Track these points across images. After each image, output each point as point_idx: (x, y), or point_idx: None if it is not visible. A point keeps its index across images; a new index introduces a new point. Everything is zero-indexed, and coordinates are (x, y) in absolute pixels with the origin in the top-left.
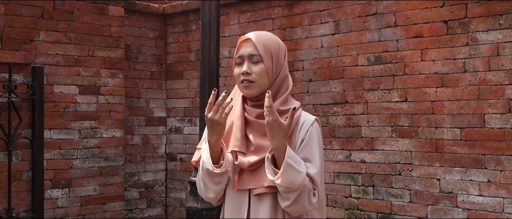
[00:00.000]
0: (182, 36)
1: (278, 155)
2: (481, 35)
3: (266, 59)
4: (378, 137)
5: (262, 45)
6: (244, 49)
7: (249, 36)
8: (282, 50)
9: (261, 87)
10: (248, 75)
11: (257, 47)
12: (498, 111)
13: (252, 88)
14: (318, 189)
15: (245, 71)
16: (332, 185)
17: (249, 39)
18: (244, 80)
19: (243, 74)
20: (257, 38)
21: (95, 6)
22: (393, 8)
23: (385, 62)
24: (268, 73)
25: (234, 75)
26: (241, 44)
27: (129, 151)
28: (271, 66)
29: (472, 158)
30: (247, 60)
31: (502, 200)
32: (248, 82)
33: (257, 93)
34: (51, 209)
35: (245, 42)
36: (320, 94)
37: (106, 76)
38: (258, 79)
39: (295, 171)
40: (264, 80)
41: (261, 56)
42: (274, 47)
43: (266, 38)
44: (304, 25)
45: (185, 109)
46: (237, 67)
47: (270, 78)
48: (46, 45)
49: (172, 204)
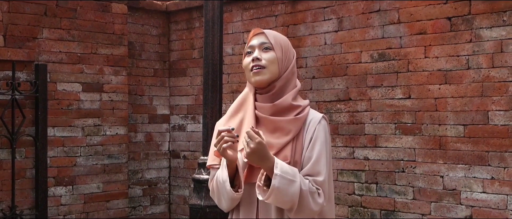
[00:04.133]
0: (185, 34)
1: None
2: (485, 32)
3: (276, 48)
4: (382, 134)
5: (273, 37)
6: (255, 40)
7: (261, 29)
8: (292, 51)
9: (271, 74)
10: (259, 61)
11: (268, 37)
12: (501, 108)
13: (263, 73)
14: (323, 188)
15: (255, 57)
16: (336, 182)
17: (261, 32)
18: (254, 66)
19: (253, 60)
20: (269, 32)
21: (98, 4)
22: (396, 5)
23: (388, 59)
24: (278, 62)
25: (243, 67)
26: (253, 37)
27: (132, 149)
28: (281, 56)
29: (476, 155)
30: (257, 48)
31: (505, 197)
32: (258, 67)
33: (268, 80)
34: (54, 206)
35: (257, 35)
36: (323, 91)
37: (110, 73)
38: (268, 65)
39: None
40: (274, 68)
41: (272, 44)
42: (284, 42)
43: (277, 34)
44: (307, 22)
45: (189, 106)
46: (247, 56)
47: (279, 67)
48: (49, 42)
49: (175, 201)
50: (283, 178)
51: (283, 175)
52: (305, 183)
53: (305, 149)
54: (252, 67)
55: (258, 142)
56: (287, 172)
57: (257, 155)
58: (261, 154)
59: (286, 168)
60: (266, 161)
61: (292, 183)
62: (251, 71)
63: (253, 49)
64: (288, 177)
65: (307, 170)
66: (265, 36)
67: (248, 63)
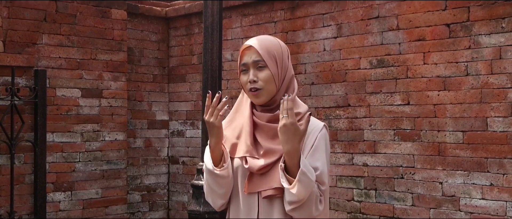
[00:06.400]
0: (184, 39)
1: (290, 160)
2: (484, 38)
3: (270, 64)
4: (381, 141)
5: (265, 50)
6: (247, 56)
7: (251, 43)
8: (285, 52)
9: (269, 93)
10: (255, 83)
11: (260, 53)
12: (500, 115)
13: (261, 95)
14: (324, 196)
15: (251, 79)
16: (335, 188)
17: (251, 46)
18: (252, 88)
19: (250, 82)
20: (259, 44)
21: (97, 10)
22: (395, 11)
23: (387, 65)
24: (275, 79)
25: (240, 83)
26: (244, 52)
27: (131, 154)
28: (277, 71)
29: (475, 162)
30: (252, 67)
31: (504, 203)
32: (255, 90)
33: (266, 100)
34: (53, 212)
35: (248, 49)
36: (322, 97)
37: (109, 79)
38: (265, 85)
39: (308, 180)
40: (271, 87)
41: (265, 61)
42: (277, 51)
43: (268, 43)
44: (307, 28)
45: (188, 112)
46: (242, 75)
47: (276, 83)
48: (49, 48)
49: (174, 207)
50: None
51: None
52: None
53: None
54: (250, 89)
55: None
56: (310, 171)
57: (294, 127)
58: (288, 137)
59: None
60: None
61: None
62: (250, 91)
63: (247, 67)
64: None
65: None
66: (257, 52)
67: (245, 82)
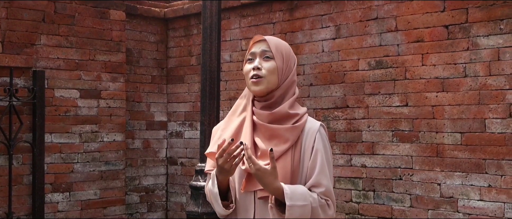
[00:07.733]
0: (183, 40)
1: (278, 195)
2: (482, 40)
3: (277, 57)
4: (379, 142)
5: (275, 45)
6: (256, 47)
7: (264, 37)
8: (293, 58)
9: (269, 84)
10: (259, 70)
11: (270, 45)
12: (498, 116)
13: (261, 83)
14: (331, 197)
15: (256, 66)
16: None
17: (263, 39)
18: (254, 75)
19: (253, 69)
20: (271, 39)
21: (96, 10)
22: (394, 12)
23: (386, 66)
24: (278, 72)
25: (244, 73)
26: (254, 44)
27: (129, 155)
28: (282, 66)
29: (473, 163)
30: (259, 56)
31: (502, 205)
32: (257, 77)
33: (265, 90)
34: (51, 213)
35: (258, 41)
36: (321, 98)
37: (107, 80)
38: (267, 75)
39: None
40: (273, 78)
41: (273, 53)
42: (286, 50)
43: (279, 41)
44: (305, 29)
45: (186, 113)
46: (248, 64)
47: (279, 77)
48: (47, 49)
49: (172, 208)
50: (295, 206)
51: (294, 204)
52: (314, 199)
53: (305, 158)
54: (251, 76)
55: (258, 168)
56: (298, 198)
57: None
58: (263, 182)
59: (296, 194)
60: (270, 186)
61: (304, 207)
62: (251, 79)
63: (254, 56)
64: (299, 204)
65: (313, 182)
66: (267, 44)
67: (248, 70)
